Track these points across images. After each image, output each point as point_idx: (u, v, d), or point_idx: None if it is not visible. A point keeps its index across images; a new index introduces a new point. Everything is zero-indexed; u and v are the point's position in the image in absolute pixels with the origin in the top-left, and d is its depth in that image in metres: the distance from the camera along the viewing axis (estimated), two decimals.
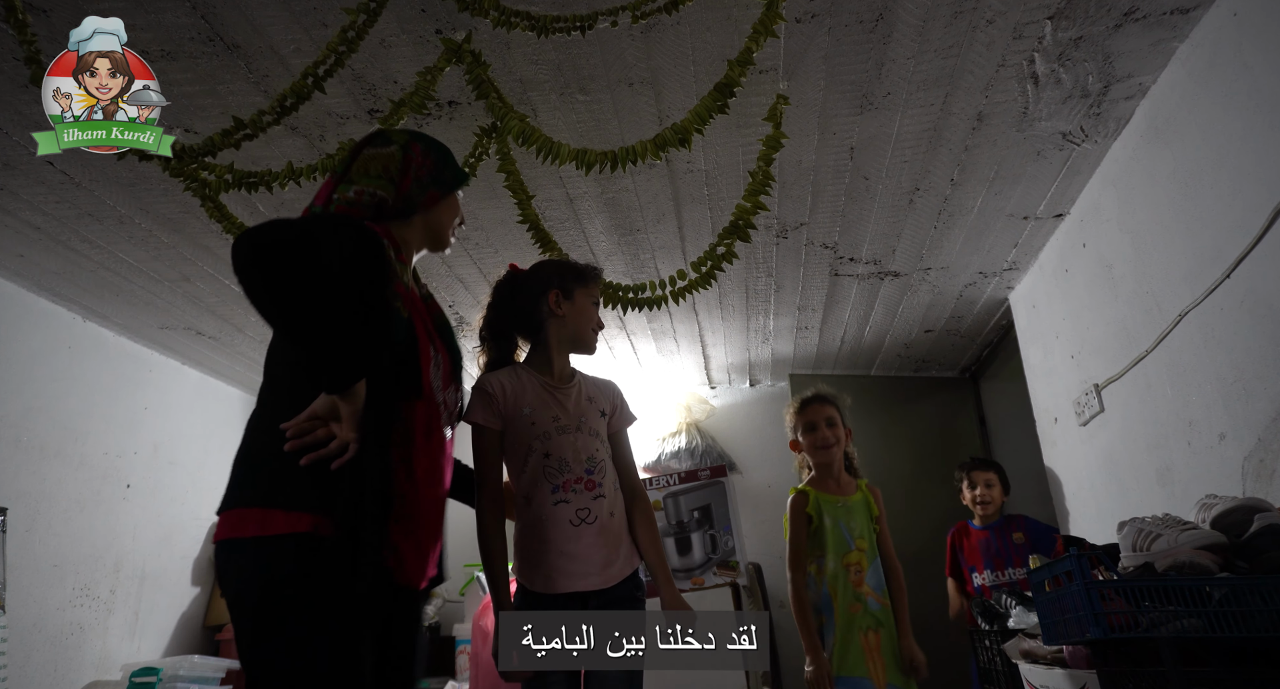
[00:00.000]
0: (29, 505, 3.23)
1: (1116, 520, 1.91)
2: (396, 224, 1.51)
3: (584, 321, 1.91)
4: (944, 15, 2.04)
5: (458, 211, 1.64)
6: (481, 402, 1.78)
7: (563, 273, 1.94)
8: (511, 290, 1.95)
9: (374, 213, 1.48)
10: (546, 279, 1.92)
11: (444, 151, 1.62)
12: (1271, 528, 1.57)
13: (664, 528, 4.19)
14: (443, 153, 1.61)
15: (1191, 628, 1.46)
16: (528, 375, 1.85)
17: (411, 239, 1.56)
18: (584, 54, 2.16)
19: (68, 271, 3.21)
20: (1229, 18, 1.99)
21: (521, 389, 1.81)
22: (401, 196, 1.51)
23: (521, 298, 1.91)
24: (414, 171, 1.53)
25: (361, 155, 1.52)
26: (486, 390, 1.79)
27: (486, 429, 1.78)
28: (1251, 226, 1.95)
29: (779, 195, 2.89)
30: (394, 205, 1.50)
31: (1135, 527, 1.78)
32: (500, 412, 1.79)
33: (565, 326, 1.89)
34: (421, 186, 1.53)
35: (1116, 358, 2.71)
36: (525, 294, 1.90)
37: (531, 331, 1.92)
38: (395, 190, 1.50)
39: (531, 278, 1.94)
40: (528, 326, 1.92)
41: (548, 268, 1.96)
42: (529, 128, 1.85)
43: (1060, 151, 2.63)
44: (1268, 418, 1.96)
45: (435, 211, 1.58)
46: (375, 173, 1.49)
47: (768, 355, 4.60)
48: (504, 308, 1.94)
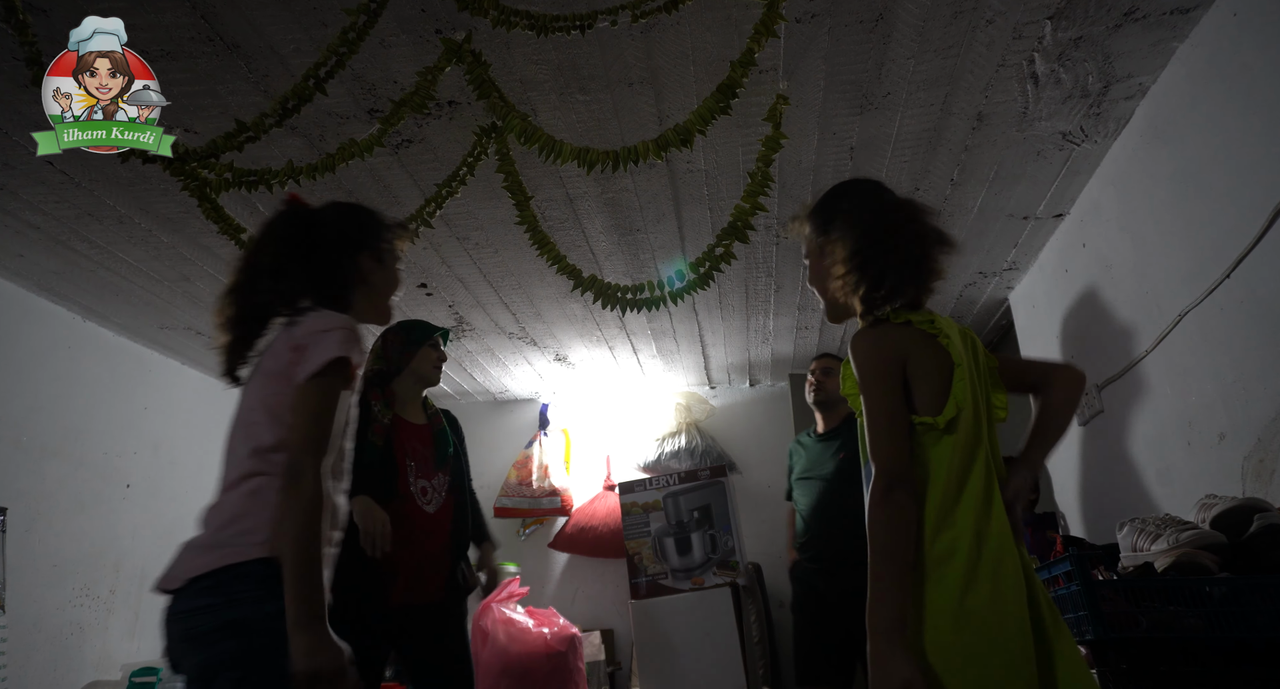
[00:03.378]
0: (29, 505, 3.23)
1: (1116, 520, 1.91)
2: (396, 380, 2.37)
3: (392, 289, 1.66)
4: (944, 15, 2.04)
5: (430, 357, 2.41)
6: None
7: (377, 228, 1.62)
8: (301, 241, 1.52)
9: (379, 379, 2.34)
10: (358, 234, 1.58)
11: (411, 325, 2.44)
12: (1271, 528, 1.58)
13: (664, 528, 4.20)
14: (410, 326, 2.44)
15: (1191, 628, 1.46)
16: None
17: (404, 387, 2.39)
18: (584, 54, 2.16)
19: (67, 271, 3.21)
20: (1229, 18, 1.99)
21: None
22: (390, 364, 2.37)
23: (318, 254, 1.52)
24: (389, 347, 2.38)
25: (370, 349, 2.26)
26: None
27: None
28: (1251, 226, 1.95)
29: (779, 195, 2.89)
30: (389, 371, 2.37)
31: (1135, 527, 1.78)
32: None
33: (374, 296, 1.61)
34: (398, 352, 2.37)
35: (1116, 358, 2.71)
36: (323, 250, 1.53)
37: (326, 299, 1.50)
38: (385, 362, 2.37)
39: (333, 229, 1.56)
40: (321, 293, 1.51)
41: (353, 218, 1.61)
42: (530, 126, 1.84)
43: (1060, 151, 2.63)
44: (1268, 418, 1.96)
45: (414, 363, 2.39)
46: (372, 358, 2.38)
47: (768, 355, 4.60)
48: (281, 267, 1.48)
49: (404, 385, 2.38)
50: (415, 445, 2.32)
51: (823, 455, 3.15)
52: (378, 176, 2.69)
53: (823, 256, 1.42)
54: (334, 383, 1.36)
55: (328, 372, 1.34)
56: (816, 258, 1.45)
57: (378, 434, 2.22)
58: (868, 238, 1.32)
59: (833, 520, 2.99)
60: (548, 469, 4.78)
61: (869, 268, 1.30)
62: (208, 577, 1.27)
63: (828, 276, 1.40)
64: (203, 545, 1.32)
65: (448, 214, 2.89)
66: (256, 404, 1.40)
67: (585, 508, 4.71)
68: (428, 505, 2.26)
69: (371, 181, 2.72)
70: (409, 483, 2.25)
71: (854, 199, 1.43)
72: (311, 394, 1.34)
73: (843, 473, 3.03)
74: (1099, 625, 1.52)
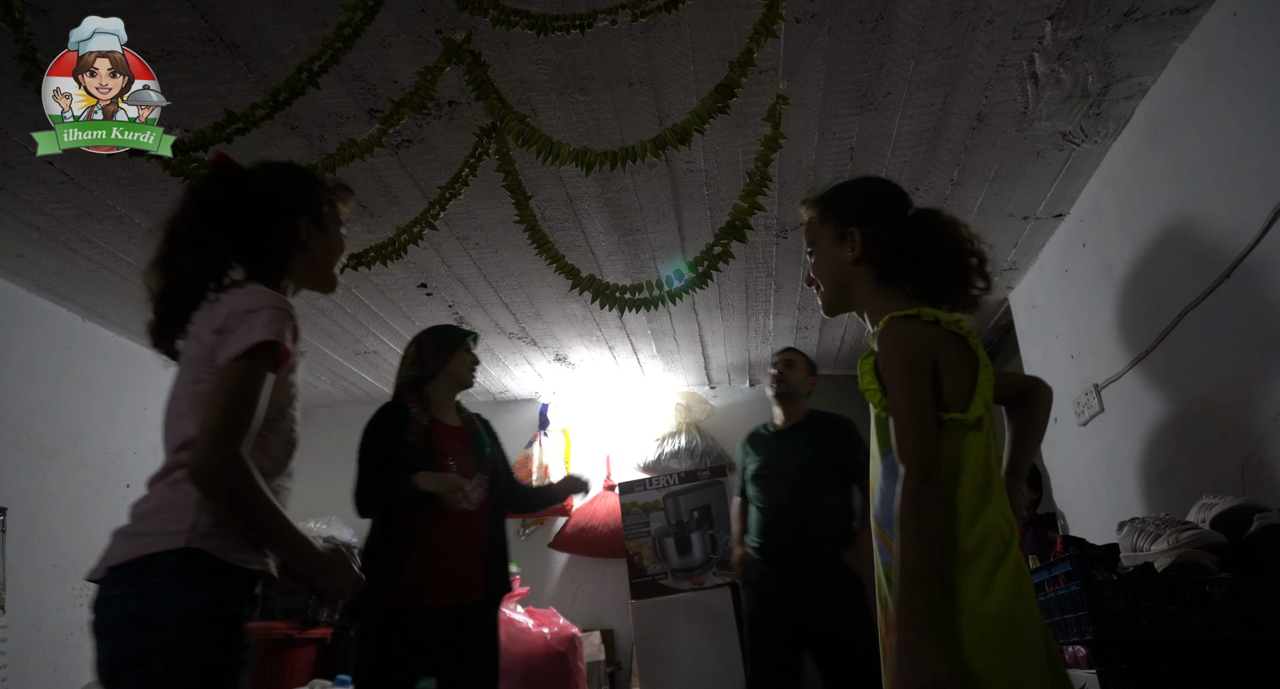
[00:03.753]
0: (29, 505, 3.23)
1: (1116, 520, 1.91)
2: (430, 384, 2.45)
3: (336, 256, 1.51)
4: (944, 15, 2.04)
5: (466, 360, 2.49)
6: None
7: (316, 189, 1.48)
8: (227, 207, 1.39)
9: (415, 384, 2.43)
10: (295, 197, 1.44)
11: (443, 330, 2.53)
12: (1271, 528, 1.58)
13: (664, 528, 4.20)
14: (442, 331, 2.52)
15: (1191, 628, 1.46)
16: None
17: (440, 391, 2.47)
18: (584, 54, 2.16)
19: (67, 271, 3.21)
20: (1229, 18, 1.99)
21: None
22: (425, 369, 2.45)
23: (249, 221, 1.39)
24: (424, 353, 2.46)
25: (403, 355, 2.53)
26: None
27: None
28: (1251, 226, 1.95)
29: (779, 195, 2.89)
30: (425, 376, 2.44)
31: (1135, 527, 1.78)
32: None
33: (315, 264, 1.47)
34: (434, 357, 2.45)
35: (1116, 358, 2.71)
36: (255, 216, 1.40)
37: (260, 270, 1.40)
38: (421, 368, 2.45)
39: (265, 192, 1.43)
40: (254, 263, 1.40)
41: (288, 179, 1.47)
42: (528, 128, 1.84)
43: (1060, 151, 2.63)
44: (1268, 418, 1.96)
45: (450, 367, 2.46)
46: (407, 363, 2.48)
47: (768, 355, 4.59)
48: (201, 238, 1.35)
49: (439, 389, 2.45)
50: (454, 446, 2.38)
51: (784, 452, 3.00)
52: (378, 176, 2.69)
53: (840, 246, 1.38)
54: (257, 367, 1.24)
55: (251, 355, 1.23)
56: (831, 246, 1.40)
57: (417, 435, 2.29)
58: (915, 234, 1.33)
59: (794, 521, 2.86)
60: (548, 469, 4.77)
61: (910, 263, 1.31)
62: (125, 566, 1.22)
63: (841, 267, 1.38)
64: (125, 534, 1.27)
65: (448, 214, 2.88)
66: (182, 392, 1.32)
67: (585, 508, 4.71)
68: (468, 503, 2.32)
69: (371, 181, 2.72)
70: None
71: (878, 195, 1.42)
72: (229, 378, 1.23)
73: (807, 471, 2.91)
74: (1099, 625, 1.52)
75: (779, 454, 3.01)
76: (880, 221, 1.35)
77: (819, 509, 2.86)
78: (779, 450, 3.02)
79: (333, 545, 1.39)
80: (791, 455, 2.97)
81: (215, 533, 1.23)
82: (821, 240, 1.42)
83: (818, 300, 1.45)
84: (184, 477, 1.23)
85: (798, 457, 2.95)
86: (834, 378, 4.72)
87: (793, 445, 3.00)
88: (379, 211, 2.90)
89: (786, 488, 2.92)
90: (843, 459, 2.94)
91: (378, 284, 3.51)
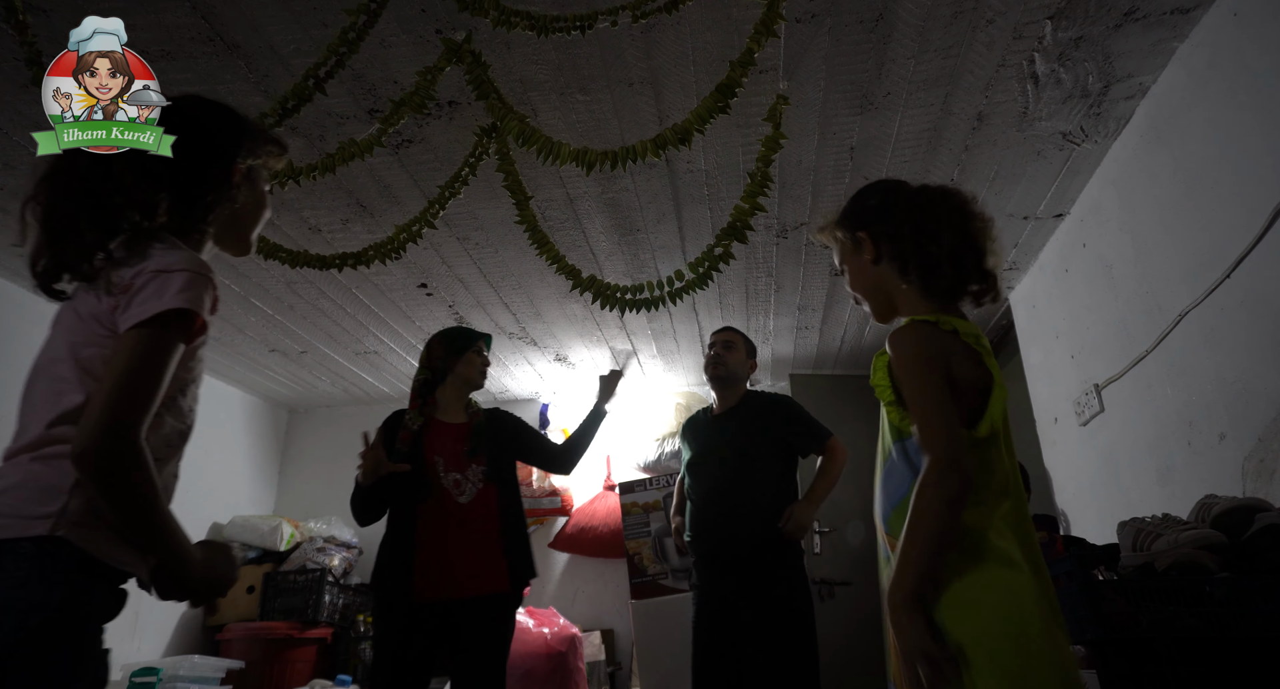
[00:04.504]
0: None
1: (1116, 520, 1.91)
2: (440, 388, 2.49)
3: (260, 215, 1.37)
4: (944, 15, 2.04)
5: (475, 362, 2.51)
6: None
7: (254, 135, 1.33)
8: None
9: (424, 388, 2.46)
10: (234, 141, 1.29)
11: (453, 333, 2.54)
12: (1271, 528, 1.57)
13: (664, 528, 4.19)
14: (451, 334, 2.54)
15: (1191, 628, 1.46)
16: None
17: (449, 392, 2.50)
18: (584, 54, 2.16)
19: None
20: (1229, 18, 1.99)
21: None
22: (435, 373, 2.49)
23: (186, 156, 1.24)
24: (433, 356, 2.50)
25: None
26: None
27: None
28: (1252, 226, 1.95)
29: (779, 195, 2.89)
30: (435, 379, 2.49)
31: (1135, 527, 1.78)
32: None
33: (238, 221, 1.33)
34: (442, 360, 2.49)
35: (1116, 358, 2.71)
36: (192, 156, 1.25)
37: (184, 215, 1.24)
38: (430, 371, 2.49)
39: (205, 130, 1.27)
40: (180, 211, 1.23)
41: (228, 119, 1.32)
42: (528, 128, 1.84)
43: (1060, 151, 2.63)
44: (1268, 418, 1.96)
45: (459, 369, 2.49)
46: (419, 368, 2.52)
47: (768, 355, 4.59)
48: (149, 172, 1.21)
49: (448, 390, 2.50)
50: (446, 442, 2.41)
51: (719, 437, 2.80)
52: (378, 176, 2.69)
53: (859, 254, 1.39)
54: (167, 338, 1.09)
55: (158, 322, 1.07)
56: (853, 257, 1.40)
57: (404, 441, 2.35)
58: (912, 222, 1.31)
59: (726, 510, 2.65)
60: None
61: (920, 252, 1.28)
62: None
63: (868, 273, 1.38)
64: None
65: (448, 214, 2.89)
66: (65, 354, 1.14)
67: (585, 508, 4.71)
68: (461, 496, 2.35)
69: (371, 181, 2.72)
70: (440, 477, 2.35)
71: (883, 194, 1.41)
72: (133, 347, 1.07)
73: (740, 457, 2.71)
74: (1099, 625, 1.52)
75: (714, 439, 2.82)
76: (883, 219, 1.35)
77: (752, 497, 2.65)
78: (714, 436, 2.83)
79: (213, 545, 1.22)
80: (725, 441, 2.77)
81: (86, 522, 1.05)
82: (846, 254, 1.44)
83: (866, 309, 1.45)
84: (59, 453, 1.06)
85: (731, 442, 2.75)
86: (834, 378, 4.72)
87: (726, 430, 2.80)
88: (379, 211, 2.90)
89: (719, 476, 2.71)
90: (783, 436, 2.75)
91: (378, 284, 3.51)
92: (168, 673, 3.36)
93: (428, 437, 2.41)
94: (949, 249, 1.27)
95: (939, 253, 1.27)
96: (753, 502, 2.64)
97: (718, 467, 2.74)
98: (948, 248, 1.27)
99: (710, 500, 2.70)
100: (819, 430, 2.79)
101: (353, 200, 2.83)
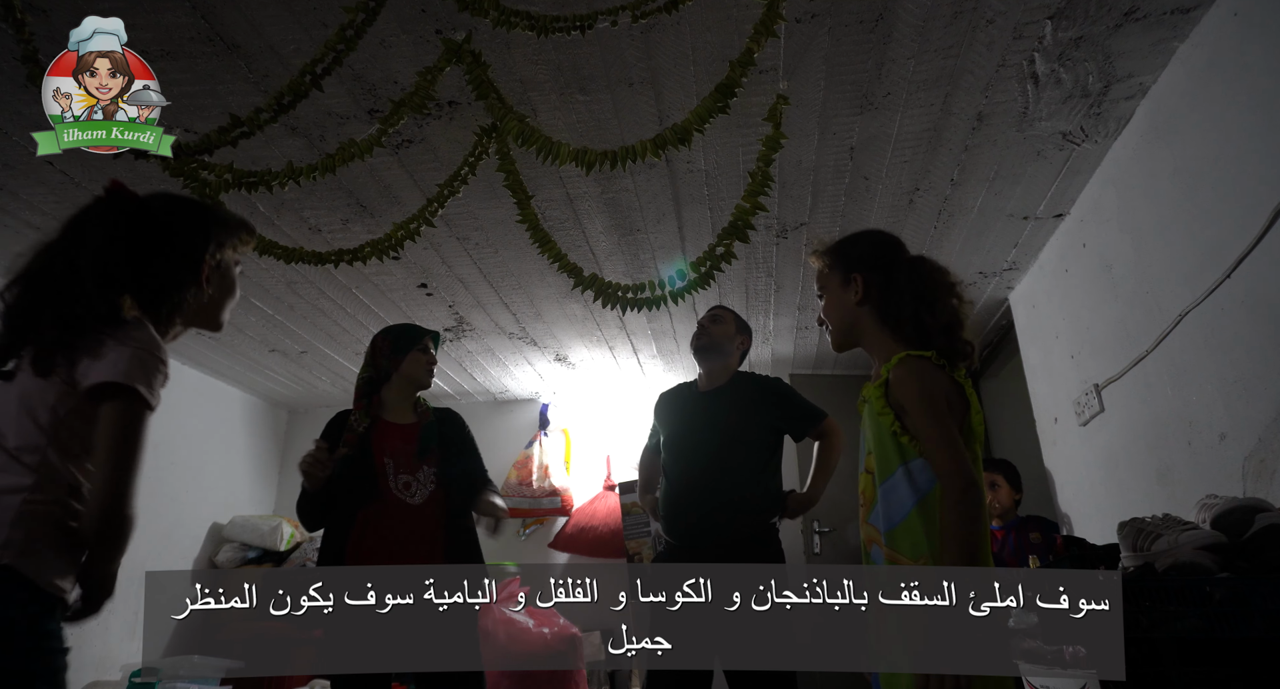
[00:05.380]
0: None
1: (1116, 520, 1.91)
2: (385, 387, 2.38)
3: (229, 299, 1.49)
4: (944, 15, 2.04)
5: (421, 361, 2.38)
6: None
7: (221, 228, 1.45)
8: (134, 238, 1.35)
9: (369, 387, 2.36)
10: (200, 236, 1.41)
11: (398, 330, 2.43)
12: (1271, 528, 1.57)
13: None
14: (396, 330, 2.43)
15: (1191, 628, 1.46)
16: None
17: (394, 392, 2.38)
18: (584, 54, 2.16)
19: None
20: (1229, 17, 1.99)
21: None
22: (379, 371, 2.38)
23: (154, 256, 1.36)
24: (378, 354, 2.38)
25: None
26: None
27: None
28: (1252, 226, 1.95)
29: (779, 195, 2.89)
30: (379, 378, 2.37)
31: (1135, 527, 1.78)
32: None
33: (209, 306, 1.46)
34: (387, 358, 2.37)
35: (1116, 358, 2.71)
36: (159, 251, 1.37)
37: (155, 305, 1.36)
38: (374, 370, 2.37)
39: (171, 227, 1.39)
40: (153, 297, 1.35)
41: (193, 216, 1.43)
42: (528, 128, 1.84)
43: (1060, 151, 2.63)
44: (1268, 418, 1.96)
45: (404, 368, 2.37)
46: (363, 366, 2.41)
47: (768, 355, 4.59)
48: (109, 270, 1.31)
49: (394, 390, 2.40)
50: (396, 443, 2.34)
51: (704, 415, 2.60)
52: (378, 176, 2.69)
53: (845, 290, 1.57)
54: (138, 414, 1.24)
55: (126, 399, 1.22)
56: (839, 291, 1.58)
57: (349, 443, 2.28)
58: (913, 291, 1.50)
59: (708, 496, 2.48)
60: (548, 469, 4.78)
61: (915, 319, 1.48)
62: None
63: (847, 309, 1.56)
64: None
65: (448, 214, 2.89)
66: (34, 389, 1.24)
67: (585, 508, 4.71)
68: (411, 498, 2.30)
69: (371, 181, 2.72)
70: (389, 479, 2.29)
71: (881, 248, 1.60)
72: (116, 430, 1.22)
73: (726, 438, 2.53)
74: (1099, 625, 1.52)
75: (696, 418, 2.62)
76: (879, 269, 1.54)
77: (736, 483, 2.49)
78: (697, 414, 2.63)
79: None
80: (710, 420, 2.58)
81: (34, 552, 1.18)
82: (830, 286, 1.61)
83: (828, 338, 1.62)
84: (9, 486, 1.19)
85: (717, 422, 2.56)
86: (834, 378, 4.72)
87: (712, 409, 2.61)
88: (379, 211, 2.90)
89: (701, 457, 2.53)
90: (774, 420, 2.60)
91: (378, 284, 3.51)
92: (167, 673, 3.36)
93: (376, 438, 2.33)
94: (943, 322, 1.47)
95: (934, 324, 1.47)
96: (736, 489, 2.48)
97: (701, 446, 2.54)
98: (942, 321, 1.47)
99: (690, 484, 2.52)
100: (813, 411, 2.64)
101: (353, 200, 2.83)
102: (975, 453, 1.41)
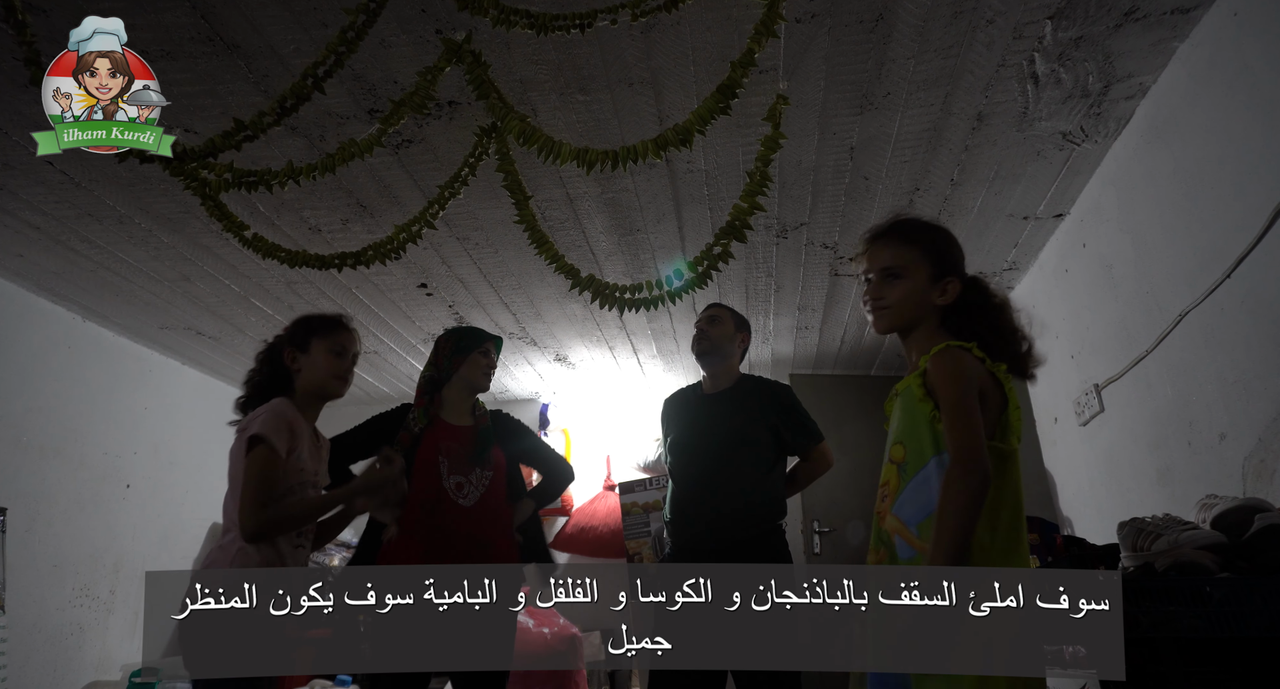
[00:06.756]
0: (29, 505, 3.23)
1: (1116, 520, 1.91)
2: (446, 387, 2.44)
3: (322, 374, 2.09)
4: (944, 15, 2.04)
5: (480, 364, 2.44)
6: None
7: (303, 329, 2.12)
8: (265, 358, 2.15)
9: (431, 386, 2.43)
10: (285, 337, 2.14)
11: (461, 333, 2.48)
12: (1271, 528, 1.57)
13: (663, 527, 4.19)
14: (459, 333, 2.48)
15: (1191, 628, 1.46)
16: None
17: (454, 393, 2.44)
18: (584, 54, 2.16)
19: (67, 271, 3.21)
20: (1229, 17, 1.99)
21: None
22: (440, 371, 2.44)
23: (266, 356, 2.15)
24: (440, 354, 2.45)
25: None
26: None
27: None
28: (1252, 226, 1.95)
29: (779, 195, 2.89)
30: (440, 378, 2.44)
31: (1135, 527, 1.78)
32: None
33: (307, 382, 2.08)
34: (448, 359, 2.44)
35: (1116, 358, 2.71)
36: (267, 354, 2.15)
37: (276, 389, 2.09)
38: (436, 369, 2.45)
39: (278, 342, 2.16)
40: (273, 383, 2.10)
41: (294, 326, 2.15)
42: (529, 128, 1.84)
43: (1060, 151, 2.63)
44: (1268, 418, 1.96)
45: (463, 370, 2.43)
46: (426, 365, 2.49)
47: (768, 355, 4.59)
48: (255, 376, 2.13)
49: (453, 391, 2.45)
50: (452, 444, 2.37)
51: (709, 418, 2.59)
52: (378, 176, 2.69)
53: (930, 287, 1.48)
54: (258, 454, 1.82)
55: (251, 444, 1.82)
56: (924, 286, 1.49)
57: (403, 441, 2.33)
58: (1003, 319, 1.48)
59: (712, 497, 2.46)
60: None
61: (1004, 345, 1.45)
62: None
63: (924, 303, 1.48)
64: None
65: (448, 214, 2.89)
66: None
67: (585, 508, 4.71)
68: (463, 499, 2.32)
69: (371, 181, 2.72)
70: (442, 479, 2.30)
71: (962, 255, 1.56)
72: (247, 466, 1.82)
73: (732, 440, 2.51)
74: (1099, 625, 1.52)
75: (701, 420, 2.61)
76: (963, 278, 1.50)
77: (741, 486, 2.48)
78: (701, 416, 2.62)
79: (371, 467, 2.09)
80: (715, 422, 2.57)
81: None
82: (917, 276, 1.50)
83: (869, 316, 1.53)
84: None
85: (723, 424, 2.55)
86: (834, 378, 4.72)
87: (717, 411, 2.59)
88: (379, 211, 2.90)
89: (709, 461, 2.52)
90: (777, 425, 2.56)
91: (378, 284, 3.51)
92: (167, 673, 3.36)
93: (433, 436, 2.37)
94: (1016, 352, 1.46)
95: (1017, 352, 1.46)
96: (741, 490, 2.48)
97: (707, 448, 2.54)
98: (1014, 351, 1.46)
99: (694, 490, 2.52)
100: (813, 430, 2.61)
101: (353, 200, 2.83)
102: (1014, 448, 1.37)
